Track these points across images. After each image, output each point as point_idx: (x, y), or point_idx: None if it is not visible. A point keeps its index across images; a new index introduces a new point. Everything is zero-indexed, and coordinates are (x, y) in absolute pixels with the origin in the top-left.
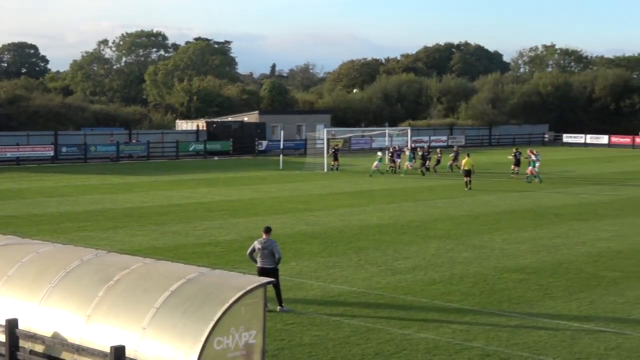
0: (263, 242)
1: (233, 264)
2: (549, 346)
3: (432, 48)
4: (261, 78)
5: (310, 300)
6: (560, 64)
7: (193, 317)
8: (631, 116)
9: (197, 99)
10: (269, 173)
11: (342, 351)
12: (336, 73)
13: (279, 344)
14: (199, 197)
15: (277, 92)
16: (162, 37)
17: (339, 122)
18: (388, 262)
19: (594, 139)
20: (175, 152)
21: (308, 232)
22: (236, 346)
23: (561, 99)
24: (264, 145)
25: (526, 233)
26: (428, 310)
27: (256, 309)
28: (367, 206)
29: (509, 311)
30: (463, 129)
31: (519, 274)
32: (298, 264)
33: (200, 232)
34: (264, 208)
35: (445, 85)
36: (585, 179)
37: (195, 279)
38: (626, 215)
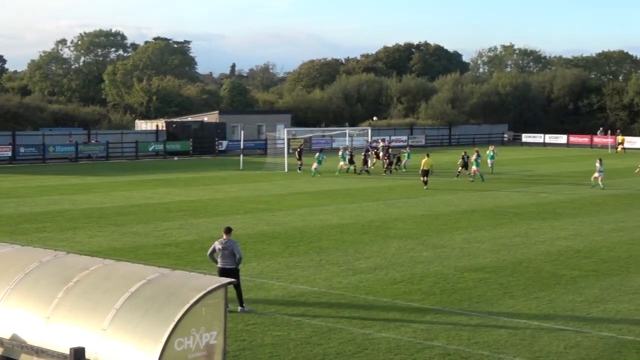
0: (224, 243)
1: (194, 265)
2: (509, 345)
3: (391, 48)
4: (221, 78)
5: (272, 300)
6: (519, 64)
7: (153, 318)
8: (589, 116)
9: (157, 99)
10: (230, 173)
11: (303, 351)
12: (296, 73)
13: (240, 344)
14: (159, 197)
15: (237, 92)
16: (121, 36)
17: (299, 122)
18: (349, 261)
19: (552, 138)
20: (134, 152)
21: (269, 232)
22: (197, 347)
23: (520, 99)
24: (224, 145)
25: (486, 232)
26: (389, 310)
27: (217, 309)
28: (328, 206)
29: (470, 310)
30: (423, 128)
31: (479, 273)
32: (259, 264)
33: (160, 233)
34: (224, 208)
35: (405, 85)
36: (544, 179)
37: (156, 279)
38: (585, 214)
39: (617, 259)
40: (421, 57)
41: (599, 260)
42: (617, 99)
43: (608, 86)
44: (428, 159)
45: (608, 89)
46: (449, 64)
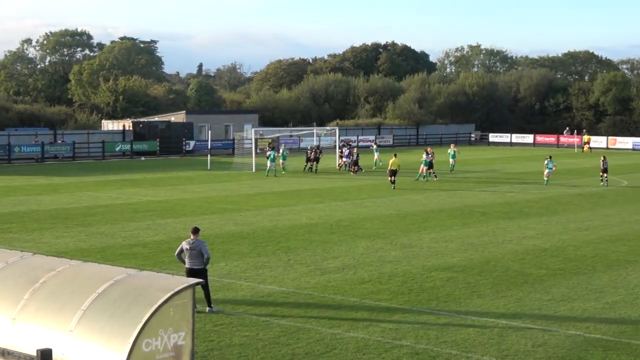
0: (191, 243)
1: (161, 265)
2: (477, 343)
3: (359, 48)
4: (188, 78)
5: (240, 300)
6: (486, 64)
7: (121, 319)
8: (555, 116)
9: (123, 99)
10: (197, 173)
11: (272, 351)
12: (263, 73)
13: (208, 344)
14: (126, 197)
15: (204, 91)
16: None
17: (267, 121)
18: (317, 261)
19: (519, 138)
20: (101, 152)
21: (237, 232)
22: (165, 348)
23: (487, 99)
24: (192, 145)
25: (454, 232)
26: (357, 310)
27: (185, 310)
28: (295, 206)
29: (438, 309)
30: (390, 128)
31: (447, 273)
32: (227, 264)
33: (127, 233)
34: (192, 208)
35: (372, 85)
36: (511, 178)
37: (123, 280)
38: (551, 213)
39: (584, 257)
40: (388, 57)
41: (566, 259)
42: (583, 98)
43: (574, 86)
44: (395, 159)
45: (574, 89)
46: (416, 64)
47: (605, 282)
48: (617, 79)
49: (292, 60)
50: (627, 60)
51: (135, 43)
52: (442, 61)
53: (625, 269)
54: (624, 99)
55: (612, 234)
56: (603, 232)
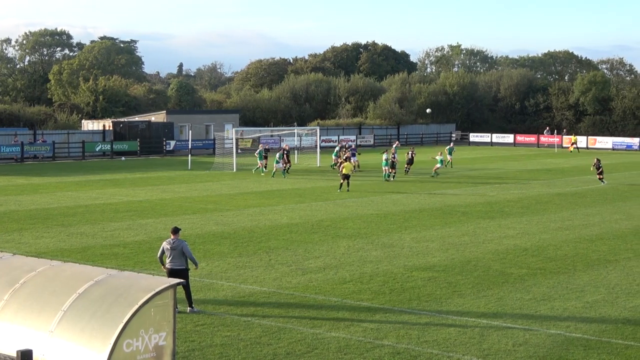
0: (171, 243)
1: (142, 265)
2: (458, 343)
3: (339, 48)
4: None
5: (221, 300)
6: (466, 64)
7: (101, 320)
8: (535, 115)
9: (103, 99)
10: (178, 173)
11: (253, 351)
12: (244, 72)
13: (189, 345)
14: (107, 197)
15: (184, 91)
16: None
17: (248, 121)
18: (298, 261)
19: (499, 137)
20: (81, 152)
21: (218, 232)
22: (146, 348)
23: (467, 99)
24: (172, 145)
25: (435, 231)
26: (339, 309)
27: (166, 310)
28: (277, 206)
29: (419, 309)
30: (371, 128)
31: (428, 272)
32: (208, 264)
33: (108, 234)
34: (172, 208)
35: (353, 85)
36: (491, 178)
37: (104, 280)
38: (532, 213)
39: (564, 257)
40: (369, 57)
41: (546, 259)
42: (562, 98)
43: (554, 86)
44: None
45: (554, 89)
46: (396, 64)
47: (585, 281)
48: (597, 79)
49: (272, 60)
50: (607, 60)
51: (115, 43)
52: (423, 61)
53: (605, 268)
54: (604, 99)
55: (592, 233)
56: (583, 232)
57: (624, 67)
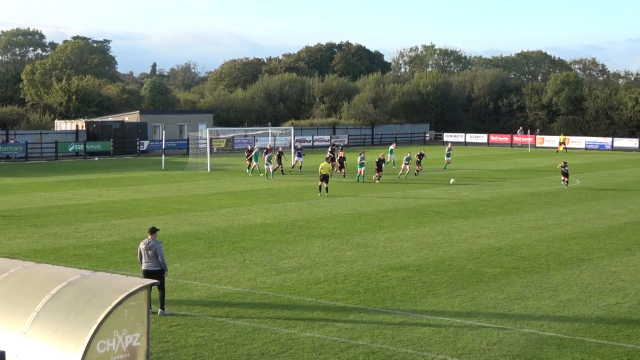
0: (147, 243)
1: (116, 266)
2: (432, 342)
3: (313, 48)
4: (142, 77)
5: (195, 301)
6: (440, 64)
7: (75, 321)
8: (509, 115)
9: (76, 99)
10: (151, 173)
11: (227, 352)
12: (218, 72)
13: (163, 345)
14: (80, 198)
15: (158, 91)
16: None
17: (222, 121)
18: (273, 261)
19: (473, 137)
20: (54, 152)
21: (192, 232)
22: (120, 349)
23: (441, 99)
24: (146, 145)
25: (409, 231)
26: (313, 309)
27: (140, 311)
28: (251, 206)
29: (393, 309)
30: (346, 128)
31: (402, 272)
32: (182, 264)
33: (81, 234)
34: (146, 209)
35: (327, 85)
36: (465, 177)
37: (77, 281)
38: (505, 212)
39: (538, 256)
40: (343, 56)
41: (520, 258)
42: (536, 98)
43: (527, 86)
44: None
45: (527, 89)
46: (370, 64)
47: (559, 280)
48: (570, 79)
49: (246, 60)
50: (580, 60)
51: (88, 43)
52: (397, 61)
53: (578, 268)
54: (577, 99)
55: (565, 232)
56: (557, 231)
57: (597, 67)
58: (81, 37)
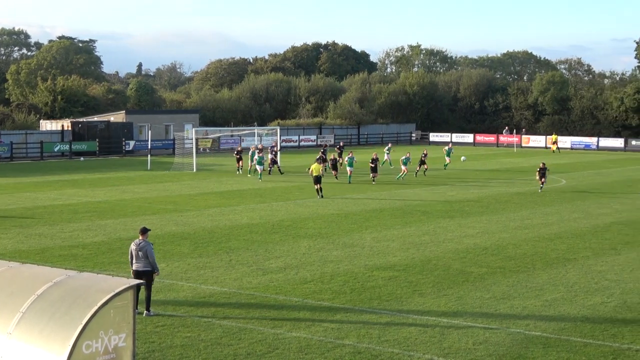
0: (138, 244)
1: (101, 266)
2: (419, 342)
3: (300, 48)
4: (127, 77)
5: (181, 301)
6: (426, 64)
7: (61, 321)
8: (495, 115)
9: (62, 99)
10: (137, 173)
11: (213, 352)
12: (204, 72)
13: (149, 346)
14: (66, 198)
15: (143, 91)
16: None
17: (208, 121)
18: (259, 261)
19: (459, 137)
20: (39, 152)
21: (178, 232)
22: (105, 350)
23: (427, 99)
24: (131, 145)
25: (395, 231)
26: (300, 309)
27: (126, 311)
28: (237, 206)
29: (380, 308)
30: (332, 128)
31: (388, 272)
32: (168, 265)
33: (67, 235)
34: (132, 209)
35: (313, 84)
36: (451, 177)
37: (63, 282)
38: (491, 212)
39: (524, 255)
40: (329, 56)
41: (506, 258)
42: (521, 98)
43: (513, 86)
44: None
45: (513, 89)
46: (356, 64)
47: (544, 280)
48: (555, 79)
49: (232, 59)
50: (565, 60)
51: (74, 42)
52: (383, 61)
53: (564, 267)
54: (562, 99)
55: (551, 232)
56: (542, 231)
57: (582, 67)
58: (66, 37)
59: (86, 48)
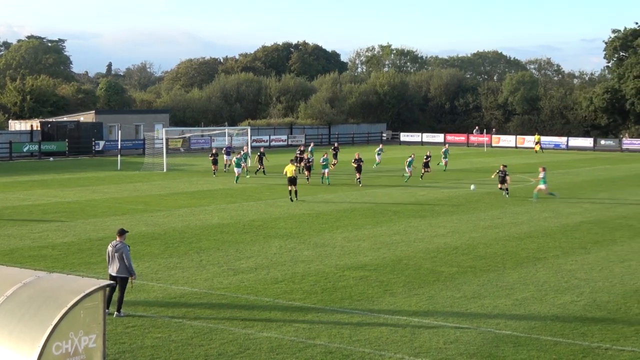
0: (115, 245)
1: (71, 267)
2: (390, 342)
3: (270, 47)
4: (97, 77)
5: (152, 302)
6: (397, 64)
7: (30, 323)
8: (465, 115)
9: (31, 99)
10: (107, 174)
11: (184, 353)
12: (174, 72)
13: (120, 347)
14: (35, 199)
15: (113, 91)
16: None
17: (178, 121)
18: (230, 261)
19: (430, 137)
20: (8, 153)
21: (148, 233)
22: (75, 351)
23: (398, 98)
24: (101, 145)
25: (366, 230)
26: (271, 309)
27: (96, 312)
28: (207, 206)
29: (351, 308)
30: (303, 128)
31: (359, 271)
32: (138, 265)
33: (36, 235)
34: (102, 209)
35: (284, 84)
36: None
37: (32, 283)
38: (462, 211)
39: (494, 255)
40: (300, 56)
41: (477, 257)
42: (492, 98)
43: (483, 86)
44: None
45: (483, 89)
46: (327, 64)
47: (515, 279)
48: (525, 78)
49: (203, 59)
50: (535, 60)
51: (43, 42)
52: (353, 61)
53: (534, 266)
54: (532, 99)
55: (521, 231)
56: (512, 230)
57: (552, 67)
58: (35, 37)
59: (55, 48)
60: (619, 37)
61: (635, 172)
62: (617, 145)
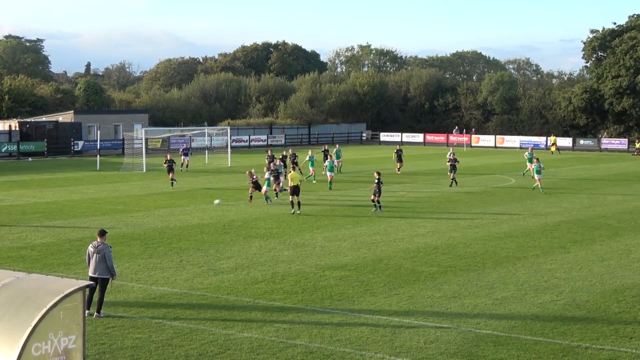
0: (96, 246)
1: (50, 268)
2: (370, 341)
3: (249, 47)
4: (76, 77)
5: (132, 302)
6: (376, 64)
7: (9, 324)
8: (444, 115)
9: (9, 99)
10: (86, 174)
11: (165, 353)
12: (153, 72)
13: (100, 348)
14: (13, 199)
15: (92, 91)
16: None
17: (157, 121)
18: (210, 262)
19: (409, 137)
20: None
21: (127, 233)
22: (55, 352)
23: (377, 98)
24: (80, 145)
25: (346, 230)
26: (251, 310)
27: (75, 313)
28: (187, 206)
29: (331, 308)
30: (282, 127)
31: (340, 271)
32: (118, 266)
33: (15, 236)
34: (81, 210)
35: (264, 84)
36: (402, 177)
37: (11, 284)
38: (442, 211)
39: (474, 254)
40: (279, 56)
41: (457, 256)
42: (471, 98)
43: (462, 86)
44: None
45: (462, 89)
46: (307, 64)
47: (495, 278)
48: (504, 78)
49: (182, 59)
50: (514, 60)
51: (21, 42)
52: (333, 61)
53: (514, 265)
54: (511, 99)
55: (500, 231)
56: (492, 230)
57: (531, 67)
58: (13, 36)
59: (34, 47)
60: (598, 38)
61: (614, 172)
62: (595, 145)
